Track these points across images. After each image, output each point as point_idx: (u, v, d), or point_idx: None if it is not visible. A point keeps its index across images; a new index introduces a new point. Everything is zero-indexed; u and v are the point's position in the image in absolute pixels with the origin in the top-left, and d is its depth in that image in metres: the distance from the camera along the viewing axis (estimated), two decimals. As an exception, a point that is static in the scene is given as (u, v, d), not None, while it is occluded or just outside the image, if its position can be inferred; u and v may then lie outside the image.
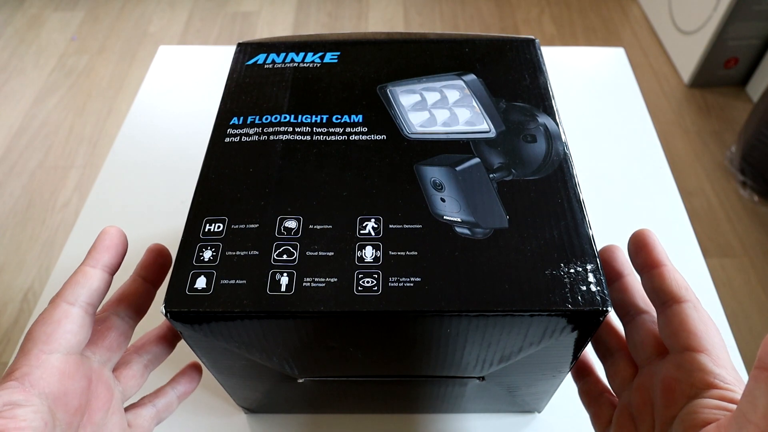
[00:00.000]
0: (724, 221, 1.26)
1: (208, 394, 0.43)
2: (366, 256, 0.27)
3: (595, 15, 1.81)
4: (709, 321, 0.27)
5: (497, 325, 0.26)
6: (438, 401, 0.39)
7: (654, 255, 0.28)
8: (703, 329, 0.26)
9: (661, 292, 0.27)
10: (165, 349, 0.32)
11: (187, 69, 0.68)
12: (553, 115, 0.33)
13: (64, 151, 1.43)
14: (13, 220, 1.28)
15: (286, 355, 0.29)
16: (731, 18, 1.39)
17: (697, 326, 0.26)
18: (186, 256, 0.27)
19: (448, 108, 0.34)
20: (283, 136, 0.32)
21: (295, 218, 0.28)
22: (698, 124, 1.47)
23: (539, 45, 0.38)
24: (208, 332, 0.27)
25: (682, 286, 0.27)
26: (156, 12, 1.85)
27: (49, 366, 0.25)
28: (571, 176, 0.30)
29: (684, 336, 0.26)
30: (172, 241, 0.30)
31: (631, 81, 0.66)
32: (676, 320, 0.26)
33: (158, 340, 0.32)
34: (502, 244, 0.27)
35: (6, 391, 0.24)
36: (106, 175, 0.57)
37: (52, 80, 1.61)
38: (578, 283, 0.26)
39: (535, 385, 0.35)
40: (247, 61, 0.37)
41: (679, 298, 0.27)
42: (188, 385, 0.34)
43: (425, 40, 0.38)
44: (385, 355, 0.30)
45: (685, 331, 0.26)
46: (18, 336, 1.10)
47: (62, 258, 0.50)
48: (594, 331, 0.28)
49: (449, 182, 0.30)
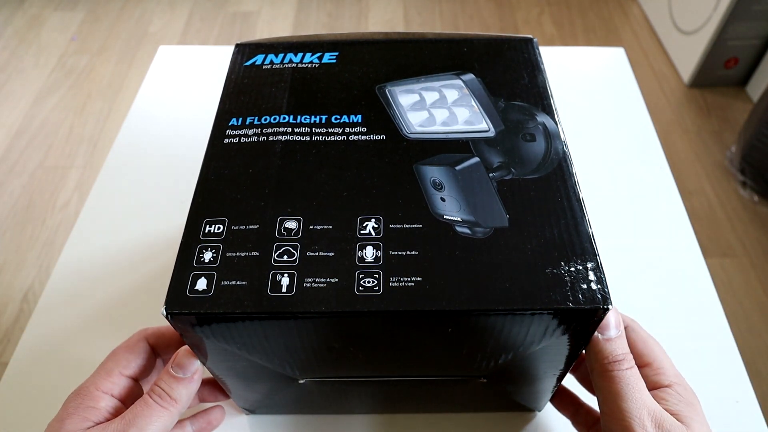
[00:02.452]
0: (724, 221, 1.26)
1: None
2: (366, 256, 0.27)
3: (595, 15, 1.81)
4: (648, 338, 0.31)
5: (498, 324, 0.26)
6: (439, 401, 0.39)
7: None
8: (642, 346, 0.31)
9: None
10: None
11: (187, 69, 0.68)
12: (552, 114, 0.33)
13: (64, 151, 1.43)
14: (13, 220, 1.28)
15: (287, 356, 0.29)
16: (731, 18, 1.39)
17: (638, 345, 0.31)
18: (186, 258, 0.27)
19: (447, 107, 0.34)
20: (283, 137, 0.32)
21: (296, 219, 0.28)
22: (698, 124, 1.47)
23: (537, 44, 0.38)
24: (208, 333, 0.27)
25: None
26: (156, 12, 1.85)
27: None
28: (571, 175, 0.30)
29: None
30: (172, 242, 0.30)
31: (631, 81, 0.66)
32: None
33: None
34: (502, 243, 0.27)
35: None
36: (106, 175, 0.57)
37: (52, 80, 1.61)
38: (579, 282, 0.26)
39: (536, 383, 0.35)
40: (245, 62, 0.37)
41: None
42: (207, 425, 0.36)
43: (424, 40, 0.38)
44: (386, 356, 0.30)
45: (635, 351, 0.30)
46: (18, 336, 1.10)
47: (62, 258, 0.50)
48: (595, 329, 0.28)
49: (449, 182, 0.30)
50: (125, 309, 0.47)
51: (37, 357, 0.44)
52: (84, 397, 0.29)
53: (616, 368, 0.27)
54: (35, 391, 0.43)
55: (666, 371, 0.30)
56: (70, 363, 0.44)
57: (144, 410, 0.28)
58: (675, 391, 0.29)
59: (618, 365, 0.28)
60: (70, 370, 0.44)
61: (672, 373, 0.30)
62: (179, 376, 0.29)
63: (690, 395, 0.29)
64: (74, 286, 0.48)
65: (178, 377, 0.29)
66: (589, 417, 0.35)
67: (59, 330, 0.46)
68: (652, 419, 0.27)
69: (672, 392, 0.29)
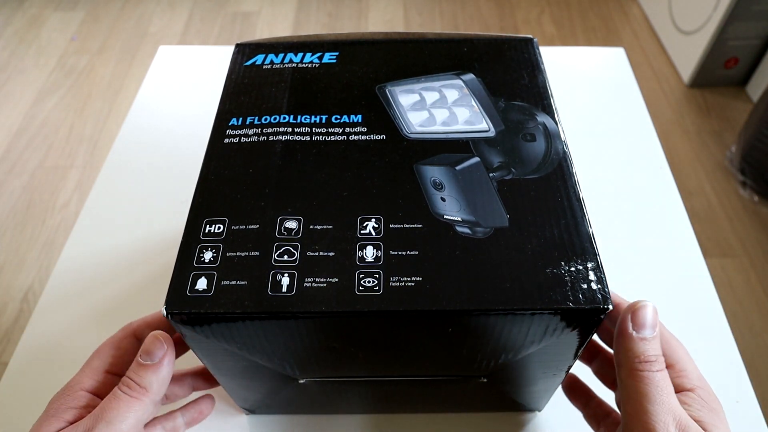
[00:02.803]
0: (724, 221, 1.26)
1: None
2: (367, 256, 0.27)
3: (595, 15, 1.81)
4: (671, 339, 0.30)
5: (498, 324, 0.26)
6: (439, 401, 0.39)
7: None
8: (665, 347, 0.29)
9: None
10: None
11: (187, 69, 0.68)
12: (552, 114, 0.33)
13: (64, 151, 1.43)
14: (13, 220, 1.28)
15: (287, 356, 0.29)
16: (731, 18, 1.39)
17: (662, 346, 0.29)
18: (186, 258, 0.27)
19: (447, 107, 0.34)
20: (283, 137, 0.32)
21: (296, 218, 0.28)
22: (698, 124, 1.47)
23: (537, 44, 0.38)
24: (209, 333, 0.27)
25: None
26: (156, 12, 1.85)
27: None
28: (571, 175, 0.30)
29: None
30: (172, 242, 0.30)
31: (631, 81, 0.66)
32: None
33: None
34: (502, 243, 0.27)
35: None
36: (106, 175, 0.57)
37: (52, 80, 1.61)
38: (579, 282, 0.26)
39: (536, 383, 0.35)
40: (245, 62, 0.37)
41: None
42: (197, 415, 0.36)
43: (424, 40, 0.38)
44: (386, 355, 0.30)
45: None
46: (18, 336, 1.10)
47: (62, 258, 0.50)
48: (595, 329, 0.28)
49: (449, 181, 0.30)
50: (125, 309, 0.47)
51: (37, 357, 0.44)
52: (66, 398, 0.29)
53: (647, 369, 0.27)
54: (35, 391, 0.43)
55: (689, 374, 0.29)
56: (70, 363, 0.44)
57: (113, 403, 0.27)
58: (698, 396, 0.28)
59: (649, 366, 0.27)
60: (70, 370, 0.44)
61: (695, 376, 0.29)
62: (147, 363, 0.28)
63: (713, 401, 0.28)
64: (74, 286, 0.48)
65: (146, 365, 0.28)
66: (600, 410, 0.35)
67: (59, 330, 0.46)
68: (677, 425, 0.26)
69: (695, 397, 0.28)
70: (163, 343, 0.28)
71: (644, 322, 0.27)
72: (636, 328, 0.27)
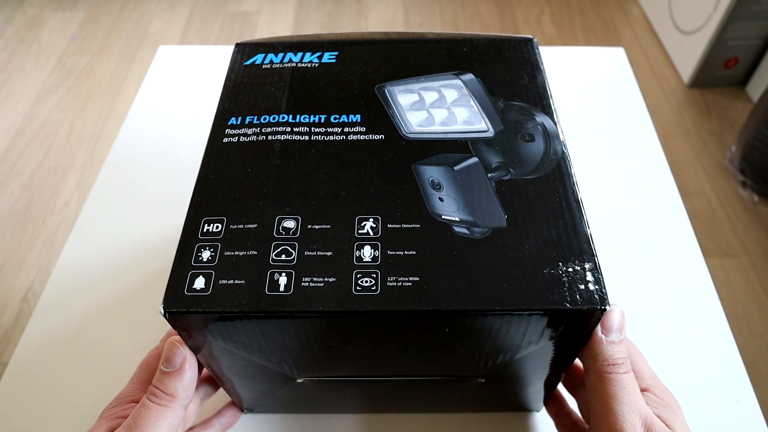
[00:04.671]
0: (724, 221, 1.26)
1: (207, 393, 0.43)
2: (364, 256, 0.27)
3: (595, 15, 1.81)
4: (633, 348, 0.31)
5: (496, 324, 0.26)
6: (437, 401, 0.39)
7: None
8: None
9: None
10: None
11: (187, 69, 0.68)
12: (551, 115, 0.33)
13: (64, 151, 1.43)
14: (13, 220, 1.28)
15: (285, 355, 0.29)
16: (731, 18, 1.39)
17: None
18: (185, 257, 0.27)
19: (446, 107, 0.34)
20: (282, 136, 0.32)
21: (294, 218, 0.28)
22: (698, 124, 1.47)
23: (537, 44, 0.38)
24: (206, 333, 0.27)
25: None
26: (156, 12, 1.85)
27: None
28: (570, 175, 0.30)
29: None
30: (171, 242, 0.30)
31: (631, 81, 0.66)
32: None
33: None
34: (500, 243, 0.27)
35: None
36: (106, 175, 0.57)
37: (52, 80, 1.61)
38: (576, 282, 0.26)
39: (534, 383, 0.35)
40: (245, 62, 0.37)
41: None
42: (231, 418, 0.39)
43: (423, 40, 0.38)
44: (383, 355, 0.30)
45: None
46: (18, 336, 1.10)
47: (62, 258, 0.50)
48: (593, 330, 0.28)
49: (447, 182, 0.30)
50: (125, 308, 0.47)
51: (37, 357, 0.45)
52: (114, 408, 0.30)
53: (615, 371, 0.27)
54: (35, 391, 0.43)
55: (643, 374, 0.30)
56: (70, 363, 0.44)
57: (143, 413, 0.28)
58: (654, 394, 0.29)
59: (617, 368, 0.28)
60: (70, 370, 0.44)
61: (648, 375, 0.30)
62: (168, 370, 0.29)
63: (668, 397, 0.29)
64: (74, 286, 0.48)
65: (168, 372, 0.29)
66: (568, 420, 0.36)
67: (59, 330, 0.46)
68: (643, 423, 0.27)
69: (651, 396, 0.29)
70: (182, 349, 0.29)
71: (612, 326, 0.28)
72: (604, 332, 0.28)
